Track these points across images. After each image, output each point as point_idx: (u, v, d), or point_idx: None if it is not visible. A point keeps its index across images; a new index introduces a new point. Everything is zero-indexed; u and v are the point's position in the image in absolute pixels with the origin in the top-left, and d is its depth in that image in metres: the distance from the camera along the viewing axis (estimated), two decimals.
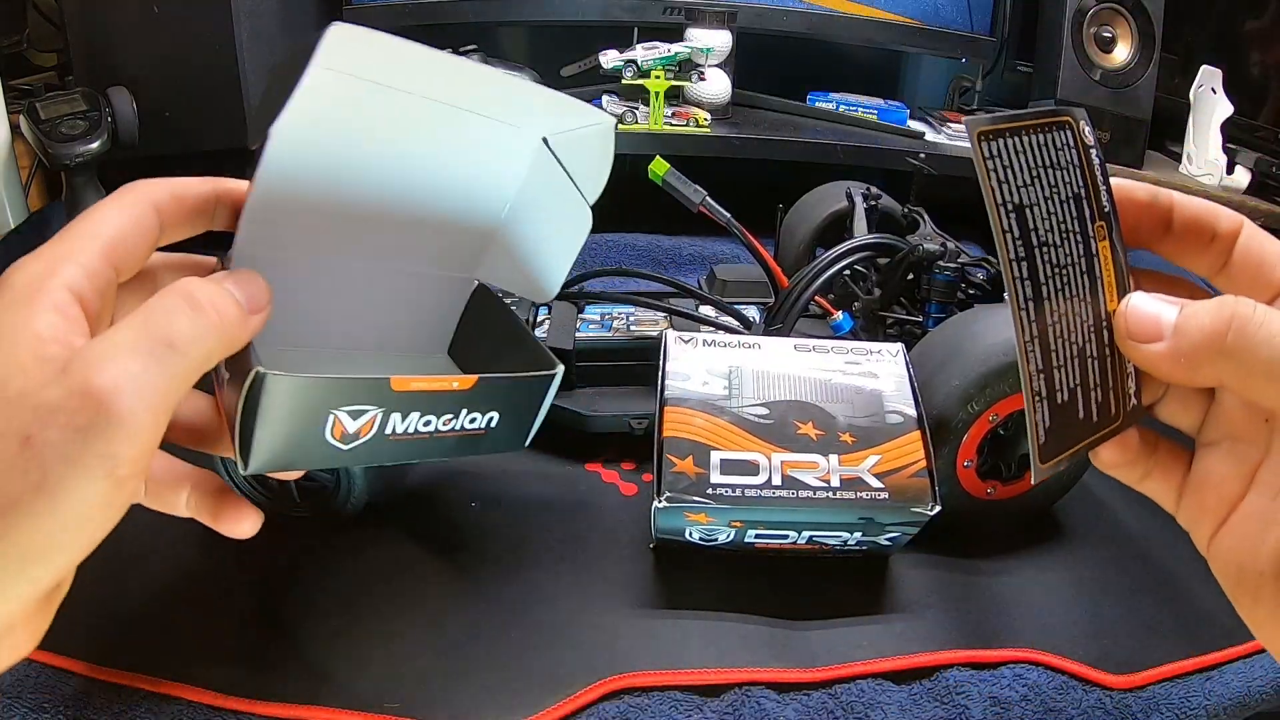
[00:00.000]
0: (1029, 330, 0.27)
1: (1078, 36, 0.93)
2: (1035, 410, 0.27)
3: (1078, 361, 0.28)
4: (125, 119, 0.80)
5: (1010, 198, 0.27)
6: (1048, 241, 0.27)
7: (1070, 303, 0.28)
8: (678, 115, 0.98)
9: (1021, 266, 0.27)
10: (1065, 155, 0.28)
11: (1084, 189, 0.28)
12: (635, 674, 0.45)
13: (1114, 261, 0.28)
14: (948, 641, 0.48)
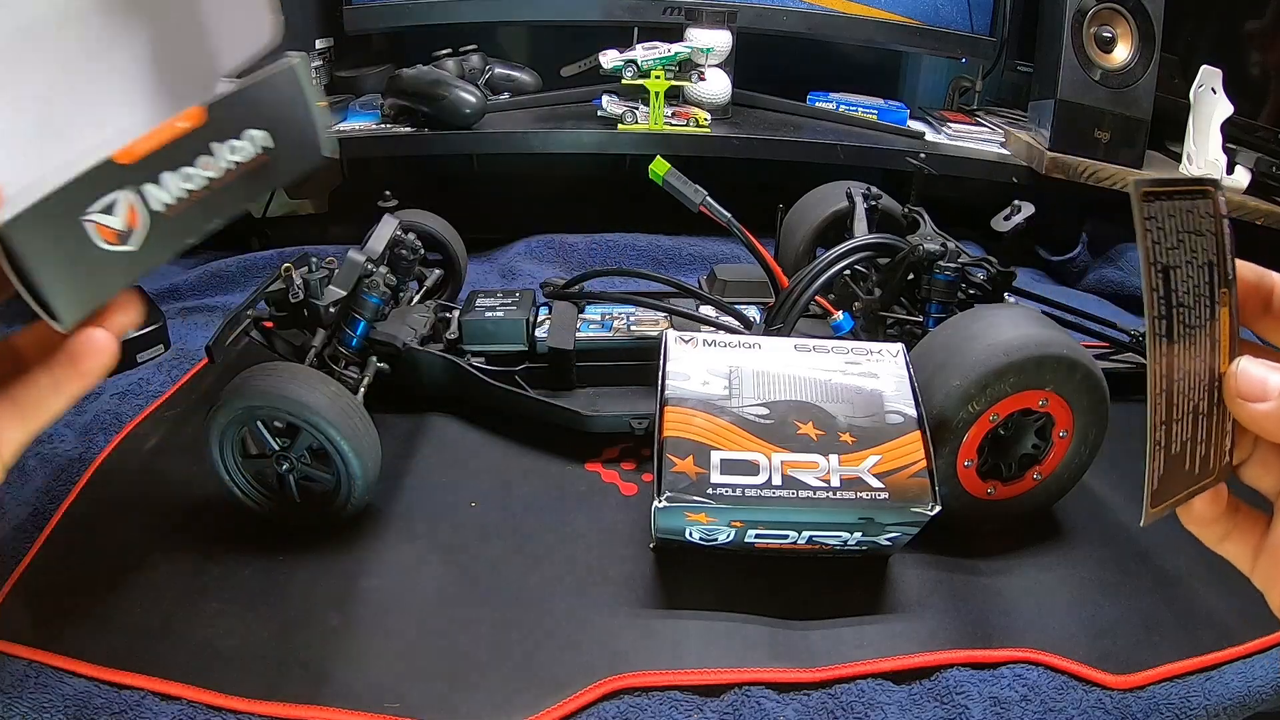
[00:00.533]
0: (1161, 384, 0.29)
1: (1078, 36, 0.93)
2: (1155, 458, 0.29)
3: (1191, 417, 0.29)
4: None
5: (1160, 258, 0.28)
6: (1185, 303, 0.29)
7: (1194, 361, 0.29)
8: (678, 115, 0.98)
9: (1162, 324, 0.28)
10: (1206, 223, 0.29)
11: (1216, 256, 0.30)
12: (635, 674, 0.45)
13: (1230, 326, 0.30)
14: (948, 641, 0.48)
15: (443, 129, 0.95)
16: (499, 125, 0.97)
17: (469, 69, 1.03)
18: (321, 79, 1.05)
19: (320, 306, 0.60)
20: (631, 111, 0.97)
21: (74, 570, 0.51)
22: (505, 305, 0.68)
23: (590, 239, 0.98)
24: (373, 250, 0.65)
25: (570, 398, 0.65)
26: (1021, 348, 0.51)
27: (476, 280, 0.90)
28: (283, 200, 1.18)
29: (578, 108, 1.04)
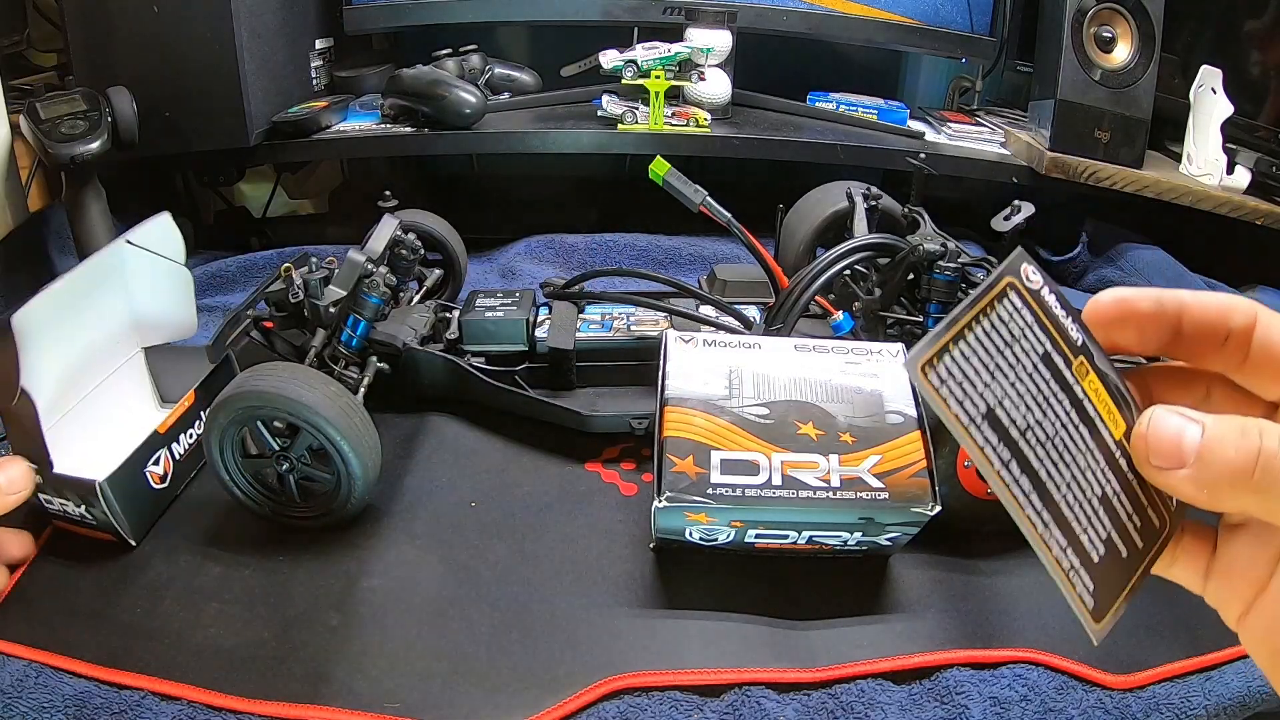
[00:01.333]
0: (1040, 521, 0.26)
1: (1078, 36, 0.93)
2: (1074, 585, 0.26)
3: (1102, 508, 0.27)
4: (125, 119, 0.80)
5: (975, 410, 0.25)
6: (1029, 423, 0.26)
7: (1074, 464, 0.26)
8: (678, 115, 0.98)
9: (1011, 468, 0.26)
10: (1018, 321, 0.26)
11: (1048, 340, 0.26)
12: (635, 674, 0.45)
13: (1105, 388, 0.27)
14: (948, 641, 0.48)
15: (443, 129, 0.95)
16: (499, 125, 0.97)
17: (469, 69, 1.03)
18: (322, 79, 1.05)
19: (320, 306, 0.60)
20: (631, 111, 0.97)
21: (74, 570, 0.51)
22: (505, 305, 0.68)
23: (590, 239, 0.98)
24: (373, 250, 0.65)
25: (570, 398, 0.65)
26: None
27: (476, 280, 0.90)
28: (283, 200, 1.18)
29: (578, 108, 1.04)
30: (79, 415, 0.58)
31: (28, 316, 0.49)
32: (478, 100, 0.94)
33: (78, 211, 0.80)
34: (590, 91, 1.03)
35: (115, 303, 0.60)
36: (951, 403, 0.24)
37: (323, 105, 0.97)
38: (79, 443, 0.55)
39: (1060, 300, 0.27)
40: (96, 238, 0.80)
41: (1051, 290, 0.27)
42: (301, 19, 0.99)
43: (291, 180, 1.18)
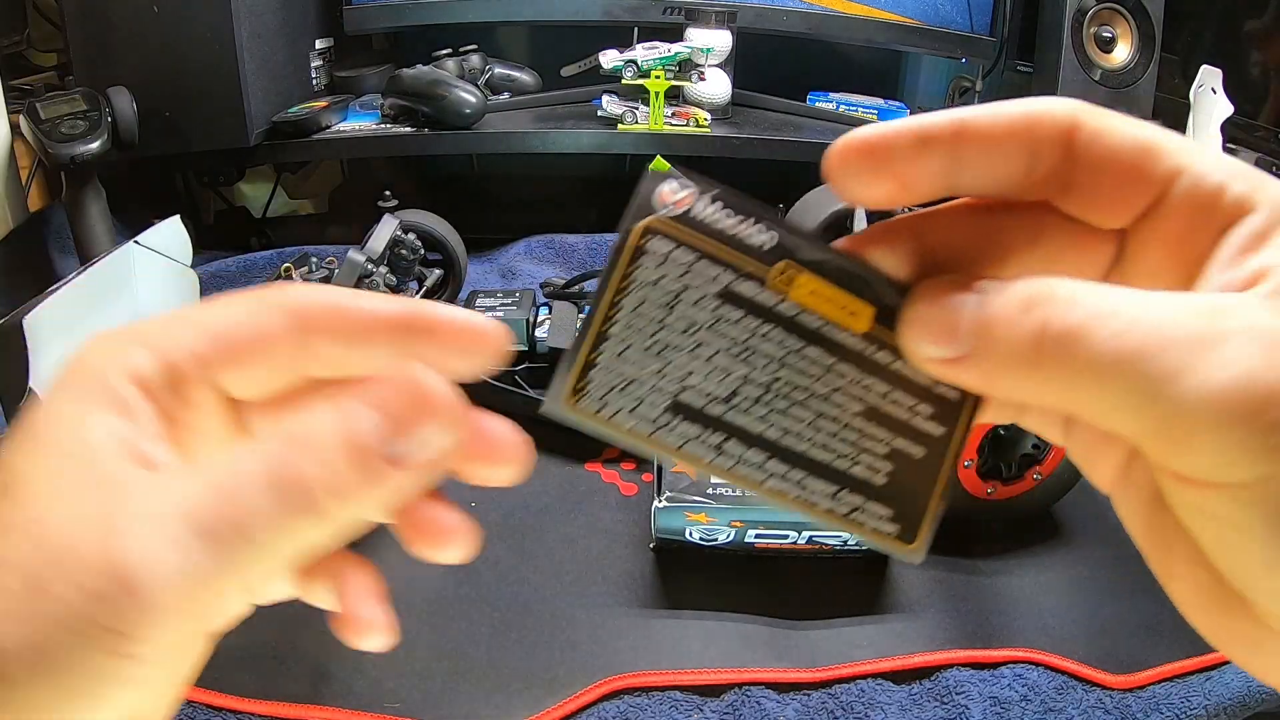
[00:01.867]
0: (790, 485, 0.22)
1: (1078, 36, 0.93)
2: (862, 525, 0.23)
3: (872, 422, 0.22)
4: (125, 119, 0.80)
5: (656, 410, 0.21)
6: (733, 385, 0.22)
7: (814, 396, 0.22)
8: (678, 115, 0.98)
9: (728, 450, 0.22)
10: (673, 269, 0.21)
11: (724, 269, 0.21)
12: (635, 674, 0.45)
13: (828, 279, 0.22)
14: (948, 641, 0.48)
15: (443, 129, 0.95)
16: (499, 125, 0.97)
17: (469, 69, 1.03)
18: (322, 79, 1.05)
19: None
20: (631, 111, 0.97)
21: None
22: (505, 305, 0.68)
23: (590, 239, 0.98)
24: (373, 250, 0.65)
25: None
26: None
27: (476, 280, 0.90)
28: (283, 200, 1.18)
29: (578, 108, 1.04)
30: None
31: (39, 319, 0.49)
32: (478, 100, 0.94)
33: (78, 211, 0.80)
34: (590, 91, 1.03)
35: (122, 304, 0.60)
36: (623, 419, 0.21)
37: (323, 105, 0.97)
38: None
39: (728, 202, 0.22)
40: (96, 238, 0.80)
41: (711, 198, 0.22)
42: (301, 19, 0.99)
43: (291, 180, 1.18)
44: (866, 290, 0.22)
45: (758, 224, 0.22)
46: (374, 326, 0.23)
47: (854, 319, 0.22)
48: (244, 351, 0.23)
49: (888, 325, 0.22)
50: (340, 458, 0.21)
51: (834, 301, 0.22)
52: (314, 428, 0.21)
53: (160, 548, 0.20)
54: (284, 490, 0.20)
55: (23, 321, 0.48)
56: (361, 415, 0.21)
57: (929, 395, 0.23)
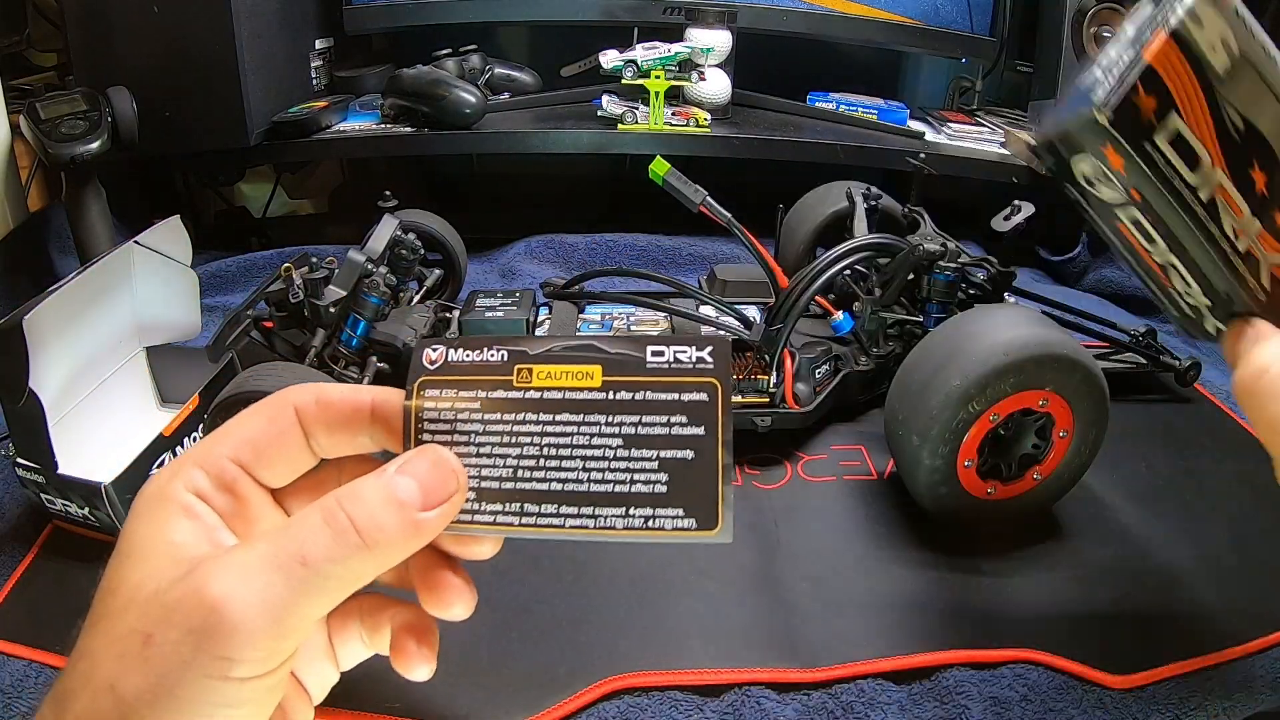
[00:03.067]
0: (600, 525, 0.28)
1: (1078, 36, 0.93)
2: (679, 534, 0.28)
3: (649, 449, 0.28)
4: (125, 119, 0.80)
5: (466, 517, 0.31)
6: (514, 470, 0.30)
7: (582, 452, 0.29)
8: (678, 115, 0.98)
9: (533, 514, 0.29)
10: (447, 405, 0.30)
11: (477, 388, 0.30)
12: (635, 674, 0.45)
13: (558, 362, 0.30)
14: (948, 641, 0.48)
15: (443, 129, 0.95)
16: (499, 125, 0.97)
17: (469, 69, 1.03)
18: (322, 79, 1.05)
19: (320, 306, 0.60)
20: (631, 111, 0.97)
21: (74, 570, 0.51)
22: (505, 305, 0.68)
23: (590, 239, 0.98)
24: (373, 250, 0.65)
25: None
26: (1022, 348, 0.51)
27: (476, 280, 0.90)
28: (283, 200, 1.18)
29: (578, 108, 1.04)
30: (79, 415, 0.58)
31: (38, 318, 0.49)
32: (478, 100, 0.94)
33: (78, 211, 0.80)
34: (590, 91, 1.03)
35: (122, 304, 0.60)
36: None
37: (323, 105, 0.97)
38: (80, 443, 0.56)
39: (469, 346, 0.30)
40: (96, 238, 0.80)
41: (454, 349, 0.30)
42: (301, 19, 0.99)
43: (291, 180, 1.18)
44: (590, 355, 0.29)
45: (490, 350, 0.30)
46: (348, 416, 0.31)
47: (588, 379, 0.29)
48: (271, 451, 0.31)
49: (616, 372, 0.28)
50: (382, 507, 0.28)
51: (567, 374, 0.29)
52: (361, 488, 0.28)
53: (242, 584, 0.26)
54: (338, 529, 0.27)
55: (23, 321, 0.48)
56: (401, 481, 0.28)
57: (679, 407, 0.28)
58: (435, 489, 0.28)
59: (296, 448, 0.31)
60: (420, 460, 0.29)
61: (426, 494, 0.28)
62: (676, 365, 0.28)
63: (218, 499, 0.29)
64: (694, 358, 0.28)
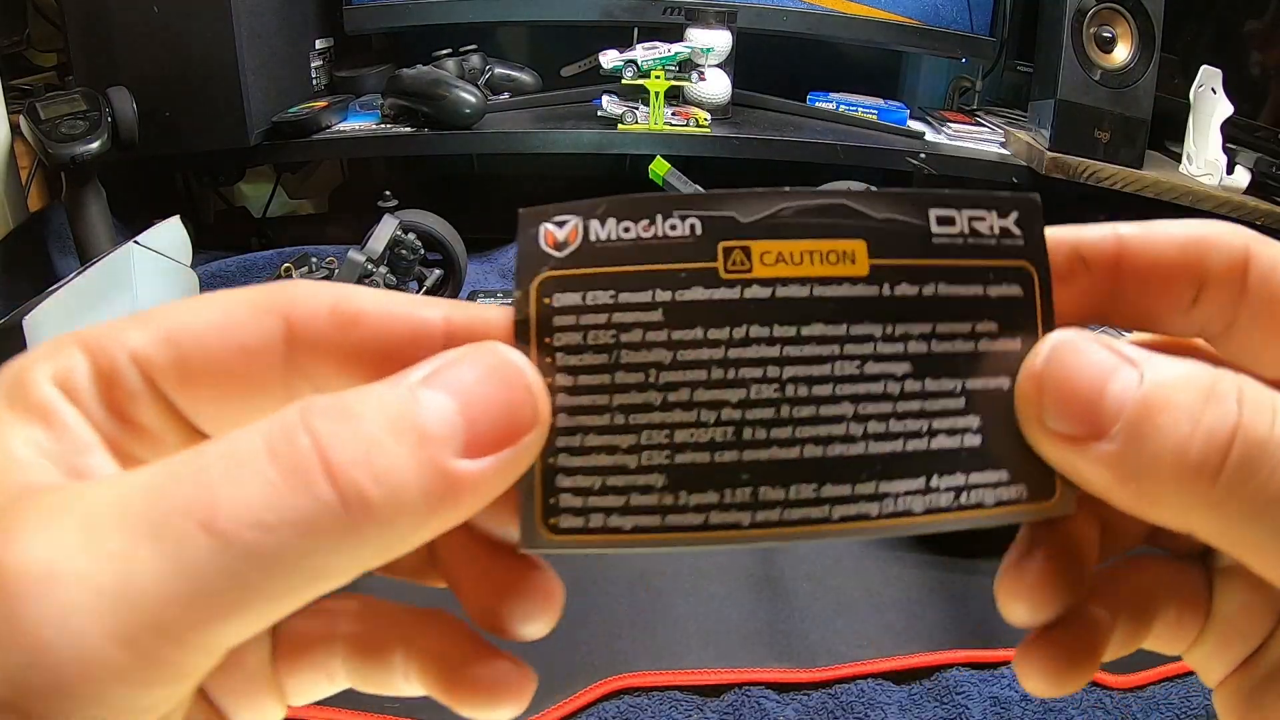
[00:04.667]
0: (888, 511, 0.17)
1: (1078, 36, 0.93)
2: (1005, 511, 0.17)
3: (949, 376, 0.18)
4: (125, 119, 0.80)
5: (655, 520, 0.17)
6: (739, 427, 0.17)
7: (851, 388, 0.17)
8: (678, 115, 0.98)
9: (776, 504, 0.17)
10: (601, 322, 0.17)
11: (653, 286, 0.17)
12: (635, 674, 0.45)
13: (795, 235, 0.18)
14: (947, 641, 0.48)
15: (443, 129, 0.95)
16: (499, 125, 0.97)
17: (469, 69, 1.03)
18: (322, 79, 1.05)
19: None
20: (631, 111, 0.97)
21: None
22: (505, 305, 0.68)
23: None
24: (373, 250, 0.65)
25: None
26: None
27: (476, 280, 0.90)
28: (283, 200, 1.18)
29: (578, 108, 1.04)
30: None
31: (39, 319, 0.49)
32: (478, 100, 0.94)
33: (78, 211, 0.80)
34: (590, 91, 1.03)
35: (122, 304, 0.60)
36: (619, 523, 0.17)
37: (323, 105, 0.97)
38: None
39: (622, 211, 0.18)
40: (96, 238, 0.80)
41: (601, 215, 0.18)
42: (301, 19, 0.99)
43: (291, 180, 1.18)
44: (843, 222, 0.18)
45: (669, 217, 0.17)
46: (401, 345, 0.17)
47: (847, 264, 0.17)
48: (207, 365, 0.17)
49: (890, 251, 0.17)
50: (388, 437, 0.14)
51: (811, 255, 0.17)
52: (355, 399, 0.15)
53: (79, 556, 0.13)
54: (293, 467, 0.14)
55: (23, 321, 0.48)
56: (429, 397, 0.15)
57: (984, 307, 0.18)
58: (491, 417, 0.15)
59: (264, 380, 0.17)
60: (467, 364, 0.16)
61: (473, 424, 0.15)
62: (973, 239, 0.18)
63: (97, 411, 0.16)
64: (995, 228, 0.18)
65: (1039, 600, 0.17)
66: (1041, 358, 0.16)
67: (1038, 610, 0.17)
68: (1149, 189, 0.94)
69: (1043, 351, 0.17)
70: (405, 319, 0.17)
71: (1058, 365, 0.16)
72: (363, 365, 0.17)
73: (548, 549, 0.17)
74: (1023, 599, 0.17)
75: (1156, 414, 0.15)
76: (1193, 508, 0.15)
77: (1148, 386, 0.15)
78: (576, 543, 0.17)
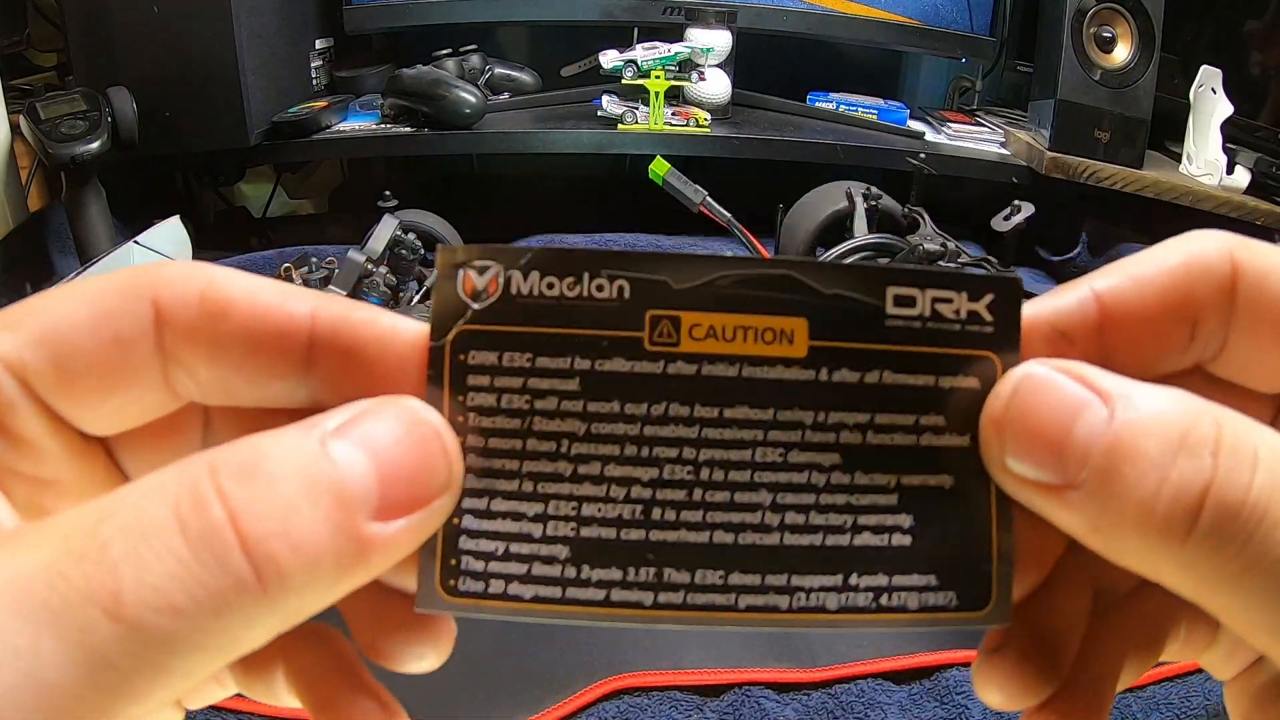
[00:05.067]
0: (799, 606, 0.18)
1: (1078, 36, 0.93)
2: (931, 617, 0.18)
3: (883, 470, 0.17)
4: (125, 119, 0.80)
5: (556, 592, 0.17)
6: (648, 506, 0.17)
7: (773, 475, 0.17)
8: (678, 115, 0.98)
9: (680, 586, 0.18)
10: (515, 383, 0.16)
11: (573, 352, 0.16)
12: (635, 674, 0.45)
13: (730, 308, 0.16)
14: (948, 641, 0.48)
15: (443, 129, 0.95)
16: (499, 125, 0.97)
17: (469, 69, 1.03)
18: (322, 79, 1.05)
19: None
20: (631, 111, 0.97)
21: None
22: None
23: (590, 239, 0.98)
24: (373, 250, 0.65)
25: None
26: None
27: None
28: (283, 200, 1.18)
29: (578, 108, 1.04)
30: None
31: None
32: (478, 100, 0.94)
33: (78, 211, 0.80)
34: (590, 91, 1.03)
35: None
36: (520, 591, 0.17)
37: (323, 105, 0.97)
38: None
39: (549, 265, 0.16)
40: (96, 238, 0.80)
41: (524, 267, 0.16)
42: (301, 19, 0.99)
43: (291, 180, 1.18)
44: (785, 297, 0.16)
45: (596, 276, 0.16)
46: (268, 337, 0.16)
47: (783, 344, 0.16)
48: (83, 364, 0.15)
49: (834, 332, 0.16)
50: (303, 498, 0.13)
51: (745, 332, 0.16)
52: (267, 449, 0.14)
53: None
54: (203, 535, 0.13)
55: None
56: (342, 451, 0.14)
57: (934, 400, 0.16)
58: (405, 478, 0.15)
59: (141, 372, 0.16)
60: (383, 420, 0.15)
61: (387, 486, 0.14)
62: (934, 323, 0.16)
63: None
64: (962, 311, 0.16)
65: (1014, 693, 0.17)
66: (1003, 397, 0.15)
67: (1014, 702, 0.17)
68: (1149, 189, 0.94)
69: (1005, 388, 0.16)
70: (272, 311, 0.16)
71: (1020, 403, 0.15)
72: (232, 357, 0.16)
73: (444, 610, 0.17)
74: (997, 692, 0.17)
75: (1122, 463, 0.14)
76: (1162, 565, 0.14)
77: (1117, 428, 0.14)
78: (474, 607, 0.17)
